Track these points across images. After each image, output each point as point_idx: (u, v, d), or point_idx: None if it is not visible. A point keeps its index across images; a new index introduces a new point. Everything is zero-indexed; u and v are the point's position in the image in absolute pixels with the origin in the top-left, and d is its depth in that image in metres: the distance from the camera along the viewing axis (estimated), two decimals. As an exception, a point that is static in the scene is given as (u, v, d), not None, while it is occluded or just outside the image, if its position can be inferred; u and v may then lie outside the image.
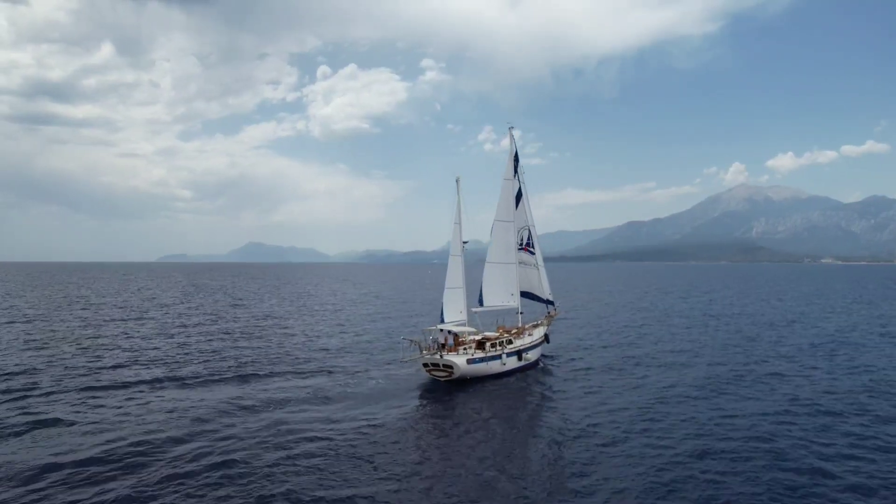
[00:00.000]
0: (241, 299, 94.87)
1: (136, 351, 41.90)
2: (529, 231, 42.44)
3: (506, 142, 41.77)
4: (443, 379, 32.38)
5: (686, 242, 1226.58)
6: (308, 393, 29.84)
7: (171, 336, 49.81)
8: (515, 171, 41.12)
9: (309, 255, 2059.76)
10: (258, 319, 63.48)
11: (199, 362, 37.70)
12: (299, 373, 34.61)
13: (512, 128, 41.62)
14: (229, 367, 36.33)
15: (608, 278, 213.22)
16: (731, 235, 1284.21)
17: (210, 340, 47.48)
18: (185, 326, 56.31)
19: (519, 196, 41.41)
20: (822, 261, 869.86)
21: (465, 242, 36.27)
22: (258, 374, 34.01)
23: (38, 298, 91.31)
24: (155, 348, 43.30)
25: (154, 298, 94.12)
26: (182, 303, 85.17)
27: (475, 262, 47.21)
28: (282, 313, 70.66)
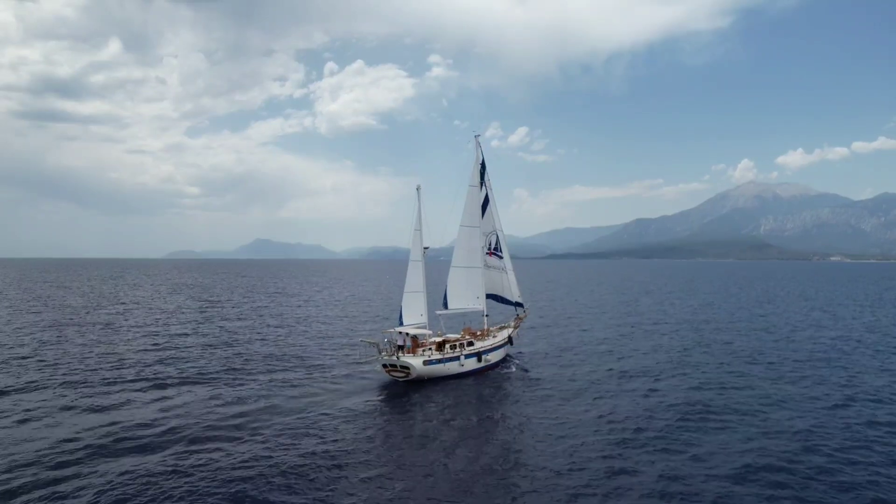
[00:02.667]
0: (210, 300, 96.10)
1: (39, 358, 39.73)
2: (497, 236, 43.72)
3: (513, 138, 43.92)
4: (401, 379, 33.81)
5: (694, 239, 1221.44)
6: (266, 394, 31.28)
7: (103, 342, 49.73)
8: (482, 179, 42.37)
9: (316, 252, 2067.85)
10: (228, 321, 65.11)
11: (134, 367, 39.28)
12: (258, 374, 36.07)
13: (478, 136, 42.83)
14: (160, 372, 37.89)
15: (604, 278, 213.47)
16: (740, 233, 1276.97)
17: (147, 346, 49.06)
18: (121, 329, 57.30)
19: (486, 203, 42.69)
20: (832, 259, 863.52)
21: (425, 248, 37.58)
22: (212, 380, 34.73)
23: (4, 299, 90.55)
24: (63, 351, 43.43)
25: (118, 299, 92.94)
26: (139, 305, 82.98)
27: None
28: (249, 314, 72.24)
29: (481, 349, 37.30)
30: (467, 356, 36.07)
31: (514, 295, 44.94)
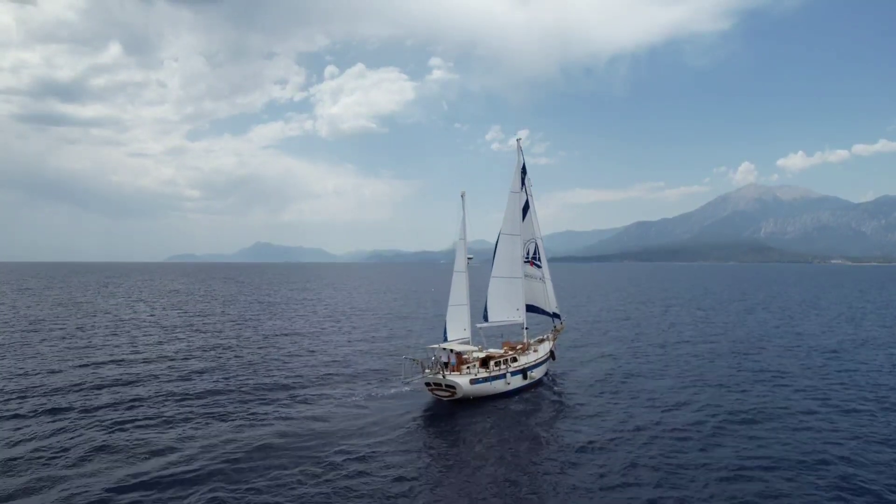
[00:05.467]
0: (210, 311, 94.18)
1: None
2: (536, 244, 41.69)
3: (513, 141, 41.24)
4: (446, 399, 31.67)
5: (695, 242, 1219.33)
6: (306, 413, 29.24)
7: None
8: (523, 184, 40.42)
9: (316, 255, 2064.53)
10: (253, 332, 63.00)
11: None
12: (293, 392, 33.96)
13: (520, 139, 40.85)
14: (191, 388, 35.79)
15: (611, 283, 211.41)
16: (740, 235, 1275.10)
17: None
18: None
19: (526, 208, 40.68)
20: (832, 261, 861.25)
21: (469, 258, 35.52)
22: (245, 397, 33.05)
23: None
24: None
25: (94, 309, 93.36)
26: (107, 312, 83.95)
27: (483, 264, 45.08)
28: (278, 327, 70.14)
29: (526, 365, 35.19)
30: (513, 373, 33.94)
31: (552, 305, 42.86)
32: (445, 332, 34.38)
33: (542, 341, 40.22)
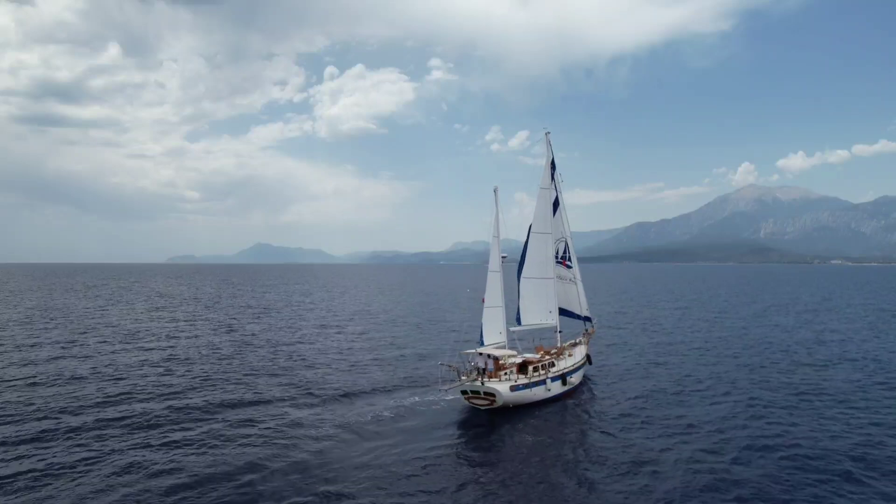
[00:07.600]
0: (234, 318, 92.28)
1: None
2: (566, 243, 39.89)
3: (514, 142, 40.70)
4: (483, 408, 29.69)
5: (695, 243, 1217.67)
6: (331, 424, 27.29)
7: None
8: (553, 179, 38.58)
9: (316, 256, 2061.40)
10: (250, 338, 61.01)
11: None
12: (318, 401, 31.99)
13: (548, 133, 39.03)
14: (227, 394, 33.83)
15: (616, 284, 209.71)
16: (740, 236, 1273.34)
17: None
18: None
19: (556, 205, 38.86)
20: (832, 262, 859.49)
21: (503, 257, 33.60)
22: (270, 402, 31.27)
23: None
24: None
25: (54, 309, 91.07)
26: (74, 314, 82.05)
27: (481, 267, 42.98)
28: (282, 334, 68.15)
29: (565, 370, 33.27)
30: (553, 379, 32.02)
31: (583, 308, 40.99)
32: (482, 336, 32.42)
33: (575, 345, 38.35)
